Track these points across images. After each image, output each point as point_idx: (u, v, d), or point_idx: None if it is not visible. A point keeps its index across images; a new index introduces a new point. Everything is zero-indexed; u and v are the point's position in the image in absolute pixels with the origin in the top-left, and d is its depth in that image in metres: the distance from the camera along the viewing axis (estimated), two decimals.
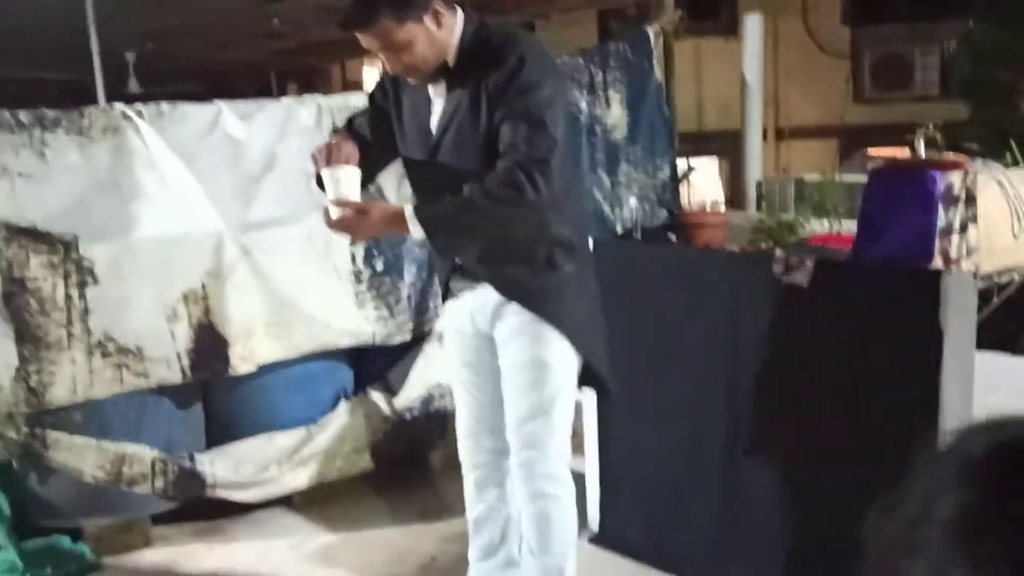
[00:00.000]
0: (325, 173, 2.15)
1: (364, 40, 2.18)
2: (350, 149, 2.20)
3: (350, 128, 2.44)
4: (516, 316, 2.34)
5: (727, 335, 2.75)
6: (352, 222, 2.14)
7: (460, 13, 2.25)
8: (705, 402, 2.84)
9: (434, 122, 2.30)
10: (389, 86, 2.40)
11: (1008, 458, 0.48)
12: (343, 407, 3.70)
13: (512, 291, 2.33)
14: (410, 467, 3.87)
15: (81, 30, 6.09)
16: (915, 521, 0.48)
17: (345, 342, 3.66)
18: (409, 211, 2.13)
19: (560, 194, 2.23)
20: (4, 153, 3.07)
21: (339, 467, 3.67)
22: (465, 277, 2.41)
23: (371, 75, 11.64)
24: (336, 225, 2.16)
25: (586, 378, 2.46)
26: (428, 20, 2.17)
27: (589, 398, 3.15)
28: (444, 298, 2.52)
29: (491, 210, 2.12)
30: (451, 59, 2.24)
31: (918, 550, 0.47)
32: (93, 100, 5.21)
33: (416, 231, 2.13)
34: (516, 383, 2.38)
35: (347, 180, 2.13)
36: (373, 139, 2.38)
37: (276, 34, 7.86)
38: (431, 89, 2.29)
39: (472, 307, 2.42)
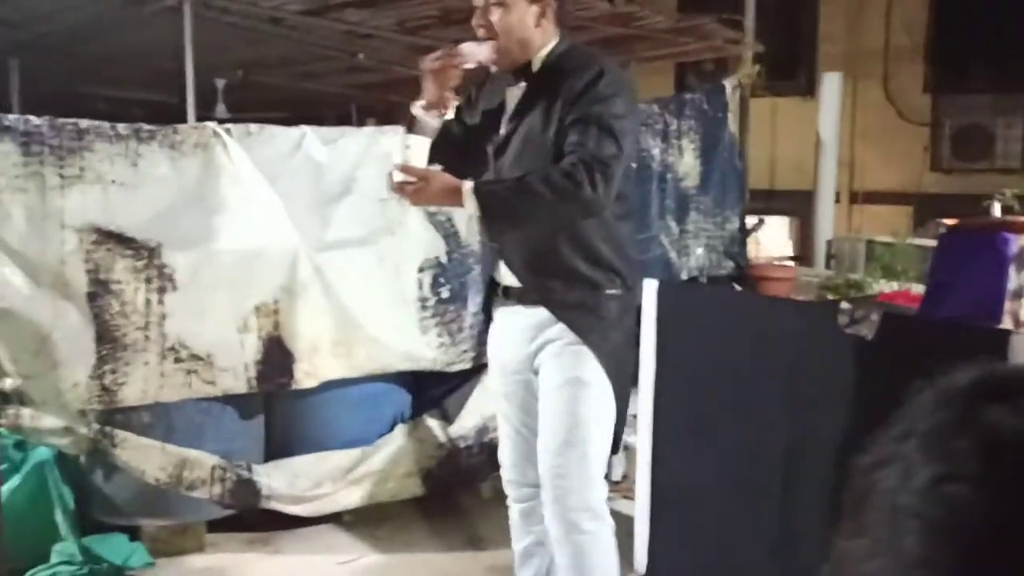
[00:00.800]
0: None
1: None
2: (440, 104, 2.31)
3: (444, 135, 2.49)
4: (553, 345, 2.34)
5: (788, 383, 2.74)
6: (412, 187, 2.20)
7: (560, 33, 2.36)
8: (762, 449, 2.82)
9: (504, 122, 2.38)
10: (473, 94, 2.50)
11: (987, 384, 0.53)
12: (399, 430, 3.75)
13: (551, 301, 2.33)
14: (460, 495, 3.90)
15: (177, 55, 6.36)
16: (897, 439, 0.53)
17: (406, 366, 3.73)
18: (468, 186, 2.18)
19: (609, 215, 2.26)
20: (101, 161, 3.23)
21: (391, 489, 3.72)
22: (508, 298, 2.42)
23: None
24: (397, 188, 2.21)
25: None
26: (534, 7, 2.28)
27: (643, 438, 3.16)
28: (487, 323, 2.55)
29: (546, 199, 2.14)
30: (535, 65, 2.33)
31: (895, 460, 0.51)
32: (180, 121, 5.42)
33: (470, 206, 2.17)
34: (551, 405, 2.35)
35: (416, 147, 2.23)
36: (452, 148, 2.44)
37: (361, 68, 8.10)
38: (508, 92, 2.39)
39: (512, 334, 2.42)
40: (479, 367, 3.87)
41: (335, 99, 10.44)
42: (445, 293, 3.79)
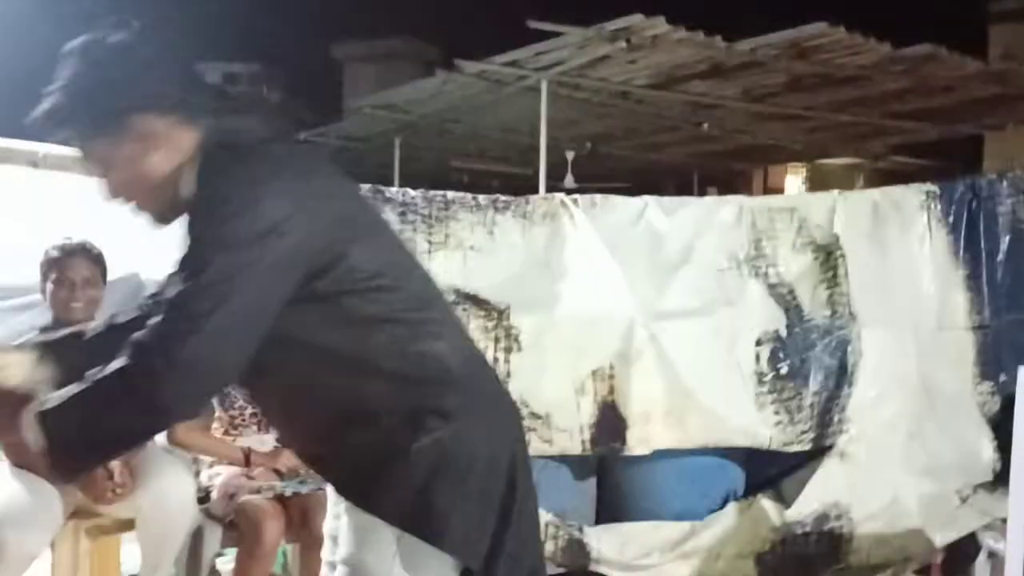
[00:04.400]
0: None
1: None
2: None
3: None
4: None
5: None
6: None
7: (193, 147, 1.47)
8: None
9: None
10: None
11: None
12: (731, 508, 3.64)
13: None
14: None
15: (532, 131, 6.83)
16: None
17: (740, 441, 3.61)
18: (31, 409, 1.41)
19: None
20: (463, 229, 3.51)
21: (720, 568, 3.60)
22: None
23: (793, 182, 11.55)
24: None
25: None
26: (130, 140, 1.46)
27: (1014, 548, 2.78)
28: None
29: (110, 410, 1.39)
30: (187, 189, 1.46)
31: None
32: (530, 191, 5.80)
33: (31, 437, 1.40)
34: None
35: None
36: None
37: (704, 138, 8.17)
38: None
39: None
40: (820, 450, 3.66)
41: (677, 168, 10.60)
42: (784, 369, 3.64)
